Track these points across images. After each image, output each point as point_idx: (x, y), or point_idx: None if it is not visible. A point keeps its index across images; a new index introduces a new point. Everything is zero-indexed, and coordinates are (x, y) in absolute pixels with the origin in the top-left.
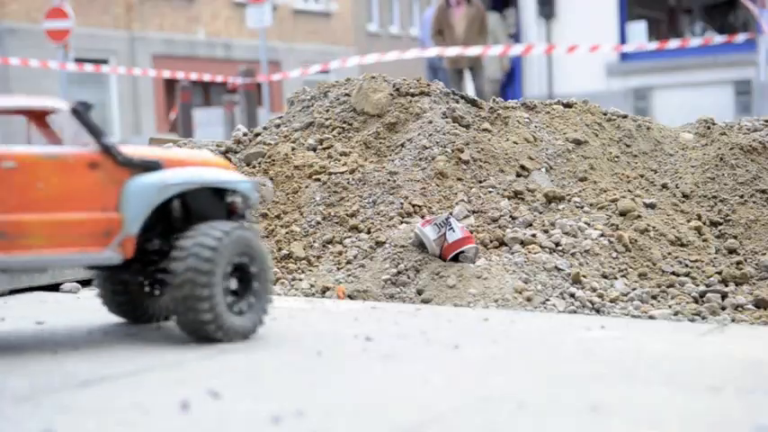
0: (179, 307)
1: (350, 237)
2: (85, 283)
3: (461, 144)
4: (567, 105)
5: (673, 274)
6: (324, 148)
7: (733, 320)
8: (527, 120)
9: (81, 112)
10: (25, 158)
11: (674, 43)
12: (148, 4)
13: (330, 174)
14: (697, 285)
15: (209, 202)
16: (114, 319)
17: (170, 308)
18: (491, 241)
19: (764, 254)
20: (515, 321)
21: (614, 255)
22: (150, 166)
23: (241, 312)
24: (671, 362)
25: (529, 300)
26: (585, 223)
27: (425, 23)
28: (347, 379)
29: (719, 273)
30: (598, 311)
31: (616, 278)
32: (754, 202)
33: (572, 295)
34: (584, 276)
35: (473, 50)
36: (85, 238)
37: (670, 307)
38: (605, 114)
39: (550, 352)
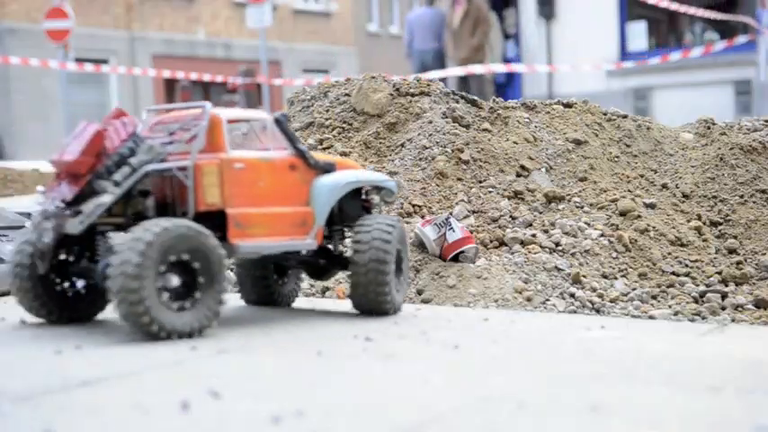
0: (363, 290)
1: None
2: None
3: (461, 144)
4: (567, 105)
5: (673, 274)
6: (324, 148)
7: (733, 320)
8: (527, 120)
9: (282, 122)
10: (250, 161)
11: (675, 55)
12: (148, 4)
13: None
14: (697, 285)
15: (353, 199)
16: (114, 319)
17: (350, 292)
18: (491, 241)
19: (764, 254)
20: (515, 321)
21: (614, 255)
22: (328, 168)
23: (399, 290)
24: (671, 362)
25: (529, 300)
26: (585, 223)
27: (411, 26)
28: (347, 379)
29: (719, 273)
30: (598, 311)
31: (616, 278)
32: (754, 202)
33: (572, 295)
34: (584, 276)
35: (476, 68)
36: (291, 228)
37: (670, 307)
38: (605, 114)
39: (550, 352)
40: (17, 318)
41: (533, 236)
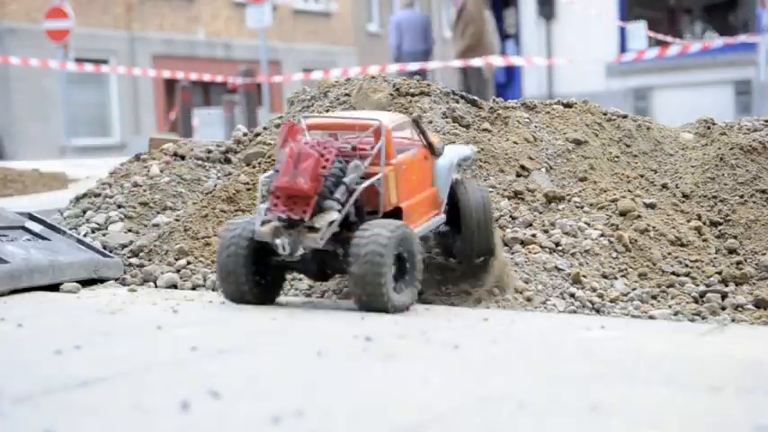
0: (471, 239)
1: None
2: (85, 283)
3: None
4: (567, 105)
5: (673, 274)
6: None
7: (733, 320)
8: (527, 120)
9: (419, 122)
10: (408, 161)
11: (674, 49)
12: (148, 4)
13: None
14: (697, 285)
15: None
16: (113, 318)
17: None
18: None
19: (764, 254)
20: (515, 321)
21: (614, 255)
22: (440, 152)
23: None
24: (671, 362)
25: (529, 300)
26: (585, 223)
27: (400, 28)
28: (347, 379)
29: (719, 273)
30: (598, 311)
31: (616, 278)
32: (754, 202)
33: (572, 295)
34: (584, 276)
35: (475, 61)
36: (431, 208)
37: (670, 307)
38: (605, 114)
39: (550, 352)
40: (17, 318)
41: (533, 236)
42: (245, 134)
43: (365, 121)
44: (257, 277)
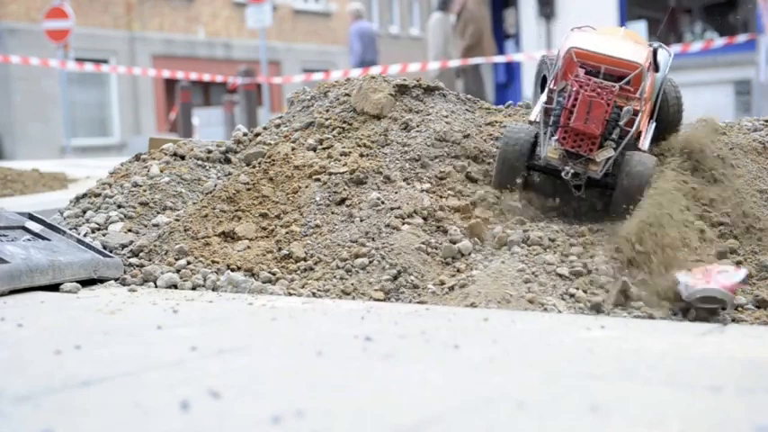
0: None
1: None
2: (85, 283)
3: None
4: None
5: None
6: (324, 148)
7: (733, 320)
8: None
9: (656, 52)
10: (650, 90)
11: (674, 48)
12: (148, 4)
13: (330, 174)
14: None
15: None
16: (113, 318)
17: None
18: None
19: (764, 254)
20: (515, 321)
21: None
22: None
23: None
24: (671, 362)
25: (529, 300)
26: None
27: (364, 39)
28: (347, 379)
29: None
30: (598, 311)
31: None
32: (754, 202)
33: (572, 296)
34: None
35: (474, 61)
36: (648, 117)
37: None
38: None
39: (550, 352)
40: (17, 318)
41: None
42: (245, 134)
43: (630, 62)
44: (525, 173)
